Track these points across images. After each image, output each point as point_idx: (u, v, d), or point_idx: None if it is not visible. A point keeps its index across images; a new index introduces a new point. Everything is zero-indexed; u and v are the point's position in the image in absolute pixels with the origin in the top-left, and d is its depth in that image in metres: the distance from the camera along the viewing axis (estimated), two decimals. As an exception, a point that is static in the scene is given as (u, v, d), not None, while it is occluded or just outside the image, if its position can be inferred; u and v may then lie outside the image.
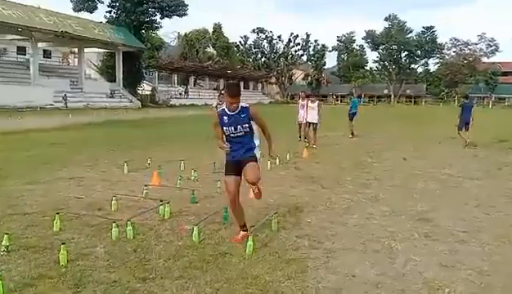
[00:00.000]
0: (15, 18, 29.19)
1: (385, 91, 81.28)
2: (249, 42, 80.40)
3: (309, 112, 13.00)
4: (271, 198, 6.12)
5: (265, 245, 4.19)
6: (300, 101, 13.88)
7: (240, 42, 79.87)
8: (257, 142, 4.46)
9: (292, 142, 12.85)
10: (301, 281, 3.43)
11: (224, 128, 4.26)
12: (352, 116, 15.97)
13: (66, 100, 33.54)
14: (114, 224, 4.30)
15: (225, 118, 4.25)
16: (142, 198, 5.87)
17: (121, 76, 41.78)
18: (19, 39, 35.01)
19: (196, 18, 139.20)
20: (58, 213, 4.56)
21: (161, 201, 5.23)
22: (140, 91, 46.01)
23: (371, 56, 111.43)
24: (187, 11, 46.83)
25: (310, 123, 13.00)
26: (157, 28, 47.99)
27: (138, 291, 3.22)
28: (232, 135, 4.27)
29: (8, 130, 14.80)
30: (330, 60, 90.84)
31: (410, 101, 77.12)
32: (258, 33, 79.42)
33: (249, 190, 6.19)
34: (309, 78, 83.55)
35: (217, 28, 72.26)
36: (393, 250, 4.19)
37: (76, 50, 41.75)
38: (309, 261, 3.83)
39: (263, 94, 78.93)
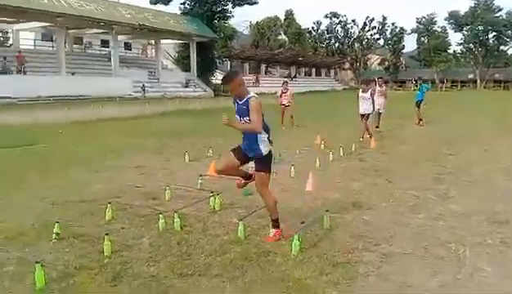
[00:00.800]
0: (97, 12, 31.08)
1: (470, 76, 75.21)
2: (322, 28, 78.62)
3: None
4: (328, 192, 5.77)
5: (313, 245, 3.89)
6: (378, 88, 13.10)
7: (313, 27, 78.32)
8: (262, 136, 4.01)
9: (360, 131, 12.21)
10: (347, 288, 3.10)
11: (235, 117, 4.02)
12: (419, 103, 14.97)
13: (144, 90, 35.22)
14: (161, 216, 4.27)
15: (235, 105, 4.04)
16: (196, 188, 5.81)
17: (195, 66, 42.90)
18: (100, 32, 37.28)
19: (269, 6, 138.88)
20: (110, 203, 4.63)
21: (212, 192, 5.13)
22: (213, 81, 47.05)
23: (455, 38, 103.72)
24: (258, -1, 46.82)
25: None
26: (229, 17, 48.45)
27: (173, 287, 3.11)
28: None
29: (86, 119, 15.80)
30: (409, 44, 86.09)
31: (500, 86, 70.56)
32: (331, 18, 77.23)
33: (306, 182, 5.94)
34: (386, 63, 79.87)
35: (289, 14, 71.51)
36: (460, 257, 3.68)
37: (153, 41, 43.56)
38: (360, 266, 3.47)
39: (336, 80, 76.93)
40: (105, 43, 42.52)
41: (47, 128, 12.89)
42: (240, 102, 3.99)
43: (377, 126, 12.65)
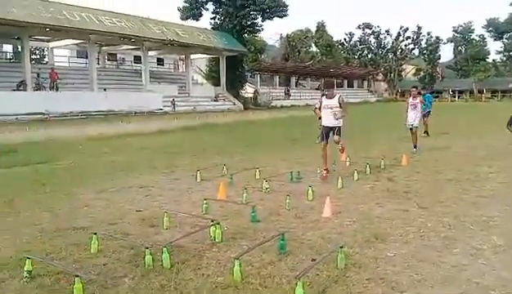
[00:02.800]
0: (128, 29, 31.55)
1: (511, 85, 71.73)
2: (354, 39, 77.35)
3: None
4: (348, 219, 5.06)
5: (322, 291, 3.22)
6: (410, 100, 11.27)
7: (345, 39, 77.23)
8: None
9: (393, 147, 11.39)
10: None
11: None
12: (427, 114, 14.56)
13: (174, 104, 35.40)
14: (147, 251, 3.71)
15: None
16: (198, 215, 5.25)
17: (224, 80, 42.91)
18: (133, 49, 37.91)
19: (300, 18, 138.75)
20: (95, 233, 4.13)
21: (212, 220, 4.54)
22: (243, 94, 46.89)
23: (494, 47, 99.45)
24: (288, 12, 46.44)
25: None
26: (259, 30, 48.28)
27: None
28: None
29: (111, 134, 15.66)
30: (446, 53, 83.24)
31: (544, 95, 66.88)
32: (363, 29, 75.91)
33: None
34: (421, 73, 77.49)
35: (321, 26, 70.76)
36: (508, 313, 2.91)
37: (184, 56, 43.94)
38: (377, 324, 2.78)
39: (369, 92, 75.23)
40: (137, 59, 43.19)
41: (69, 144, 12.77)
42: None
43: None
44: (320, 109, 7.74)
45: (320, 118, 11.95)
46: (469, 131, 15.95)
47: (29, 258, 3.53)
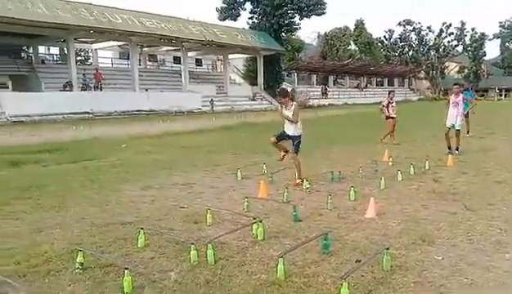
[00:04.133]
0: (168, 30, 32.27)
1: None
2: (394, 36, 75.40)
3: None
4: (392, 220, 4.96)
5: (368, 293, 3.18)
6: (452, 97, 10.45)
7: (385, 36, 75.43)
8: None
9: (436, 147, 11.04)
10: None
11: None
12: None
13: (213, 104, 35.88)
14: (192, 246, 3.79)
15: None
16: (240, 213, 5.30)
17: (262, 79, 43.04)
18: (173, 50, 38.75)
19: (338, 16, 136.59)
20: (142, 228, 4.26)
21: (254, 218, 4.57)
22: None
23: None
24: (325, 10, 45.99)
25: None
26: (296, 29, 48.11)
27: (189, 344, 2.58)
28: None
29: (152, 133, 16.07)
30: (492, 50, 79.76)
31: None
32: (404, 26, 73.86)
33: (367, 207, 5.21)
34: (465, 71, 74.60)
35: (360, 24, 69.52)
36: None
37: (222, 56, 44.45)
38: (427, 327, 2.71)
39: (411, 90, 73.17)
40: (177, 60, 44.10)
41: (113, 143, 13.22)
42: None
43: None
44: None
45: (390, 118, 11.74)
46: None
47: (80, 250, 3.70)
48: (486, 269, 3.58)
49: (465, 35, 73.10)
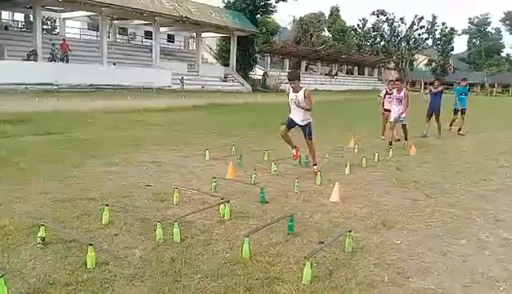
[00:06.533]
0: (141, 4, 31.33)
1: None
2: (368, 26, 76.33)
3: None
4: (356, 205, 5.10)
5: (329, 273, 3.27)
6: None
7: (358, 24, 76.26)
8: None
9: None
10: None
11: None
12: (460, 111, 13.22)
13: (183, 82, 35.31)
14: (158, 225, 3.77)
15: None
16: (207, 193, 5.31)
17: (234, 60, 42.67)
18: (144, 24, 37.70)
19: (314, 1, 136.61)
20: (107, 204, 4.19)
21: (222, 199, 4.59)
22: (252, 76, 46.66)
23: (509, 41, 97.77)
24: (303, -6, 45.94)
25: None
26: (271, 11, 47.78)
27: (152, 319, 2.60)
28: None
29: (120, 109, 15.71)
30: (460, 45, 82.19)
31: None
32: (378, 16, 74.88)
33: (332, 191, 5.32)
34: (433, 64, 76.58)
35: (335, 11, 69.88)
36: (513, 304, 2.95)
37: (195, 34, 43.65)
38: (383, 307, 2.83)
39: (379, 80, 74.57)
40: (148, 35, 42.97)
41: (79, 116, 12.84)
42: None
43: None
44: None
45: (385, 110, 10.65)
46: (478, 125, 15.80)
47: (42, 225, 3.61)
48: (442, 254, 3.75)
49: (436, 29, 74.99)
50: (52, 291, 2.83)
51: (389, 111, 10.23)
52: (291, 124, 6.67)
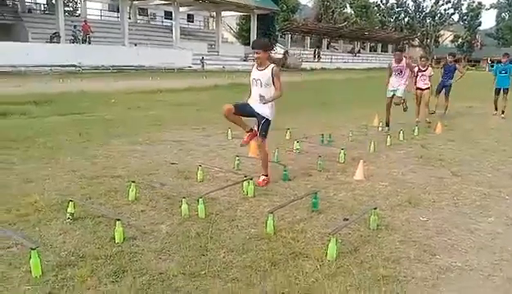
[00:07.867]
0: (159, -17, 31.25)
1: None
2: (391, 1, 74.15)
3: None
4: (381, 183, 5.04)
5: (354, 250, 3.26)
6: (394, 63, 10.08)
7: (381, 0, 74.12)
8: None
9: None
10: (389, 315, 2.47)
11: None
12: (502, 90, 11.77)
13: (203, 62, 35.27)
14: (184, 200, 3.82)
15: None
16: (231, 170, 5.33)
17: (255, 39, 42.30)
18: (164, 4, 37.58)
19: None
20: (134, 181, 4.26)
21: (245, 176, 4.61)
22: (273, 54, 46.24)
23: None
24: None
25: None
26: (292, -12, 47.08)
27: (180, 291, 2.65)
28: None
29: (142, 89, 15.83)
30: (487, 20, 79.09)
31: None
32: (402, -9, 72.59)
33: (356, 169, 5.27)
34: (459, 40, 74.15)
35: (357, -14, 68.03)
36: (544, 283, 2.89)
37: (215, 13, 43.31)
38: (410, 283, 2.81)
39: (404, 57, 72.70)
40: (168, 15, 42.87)
41: (102, 97, 13.01)
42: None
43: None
44: None
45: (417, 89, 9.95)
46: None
47: (71, 201, 3.70)
48: (469, 232, 3.69)
49: (462, 4, 72.25)
50: (83, 264, 2.91)
51: (422, 89, 9.84)
52: (244, 111, 5.00)
